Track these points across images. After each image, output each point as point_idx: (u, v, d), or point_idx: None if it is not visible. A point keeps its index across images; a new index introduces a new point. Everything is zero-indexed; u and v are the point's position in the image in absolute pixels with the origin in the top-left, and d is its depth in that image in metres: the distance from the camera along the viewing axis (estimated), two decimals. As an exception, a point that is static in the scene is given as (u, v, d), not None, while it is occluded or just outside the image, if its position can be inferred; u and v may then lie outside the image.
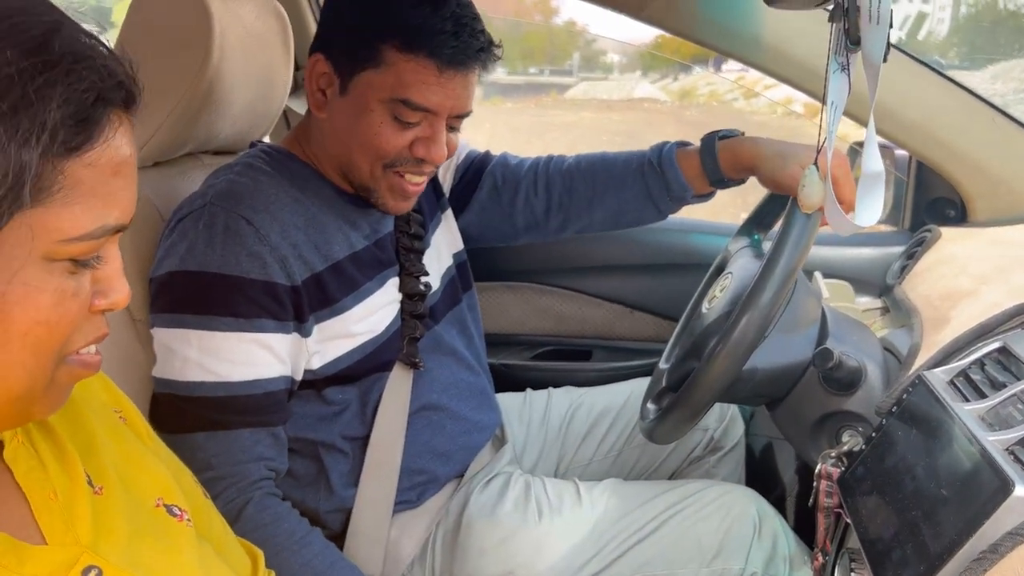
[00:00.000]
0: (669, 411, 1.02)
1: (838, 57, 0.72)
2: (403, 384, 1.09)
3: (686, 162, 1.17)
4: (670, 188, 1.19)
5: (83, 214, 0.47)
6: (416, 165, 1.01)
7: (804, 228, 0.95)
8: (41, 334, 0.48)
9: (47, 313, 0.47)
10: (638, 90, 18.55)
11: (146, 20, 1.08)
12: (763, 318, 0.93)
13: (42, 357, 0.49)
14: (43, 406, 0.52)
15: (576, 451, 1.32)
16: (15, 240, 0.45)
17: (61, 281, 0.48)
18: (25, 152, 0.43)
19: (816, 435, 1.04)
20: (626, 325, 1.59)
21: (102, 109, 0.47)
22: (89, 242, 0.48)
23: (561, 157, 1.28)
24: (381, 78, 0.96)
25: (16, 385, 0.48)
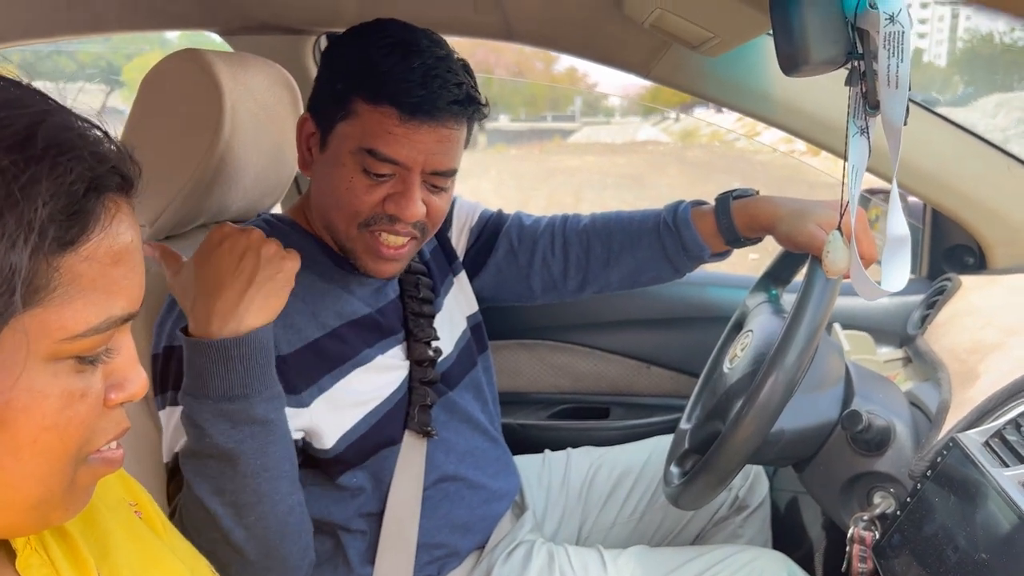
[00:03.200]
0: (696, 476, 0.99)
1: (857, 121, 0.71)
2: (416, 454, 1.07)
3: (701, 222, 1.16)
4: (687, 248, 1.17)
5: (85, 309, 0.45)
6: (390, 224, 0.98)
7: (827, 286, 0.94)
8: (51, 440, 0.45)
9: (54, 418, 0.45)
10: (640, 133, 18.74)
11: (158, 95, 1.08)
12: (789, 380, 0.91)
13: (55, 463, 0.47)
14: (64, 511, 0.50)
15: (598, 515, 1.29)
16: (12, 345, 0.43)
17: (68, 383, 0.46)
18: (12, 255, 0.41)
19: (846, 497, 1.02)
20: (644, 381, 1.57)
21: (95, 198, 0.45)
22: (95, 337, 0.46)
23: (577, 216, 1.27)
24: (350, 128, 0.96)
25: (31, 495, 0.46)
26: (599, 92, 20.55)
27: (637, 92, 3.28)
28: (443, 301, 1.19)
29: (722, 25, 1.00)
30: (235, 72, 1.10)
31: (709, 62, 1.23)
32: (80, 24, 1.37)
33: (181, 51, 1.08)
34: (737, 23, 0.99)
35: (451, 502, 1.09)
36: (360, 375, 1.01)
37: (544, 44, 1.30)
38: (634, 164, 14.21)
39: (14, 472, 0.45)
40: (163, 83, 1.08)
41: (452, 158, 0.99)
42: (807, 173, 11.45)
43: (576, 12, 1.21)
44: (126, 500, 0.64)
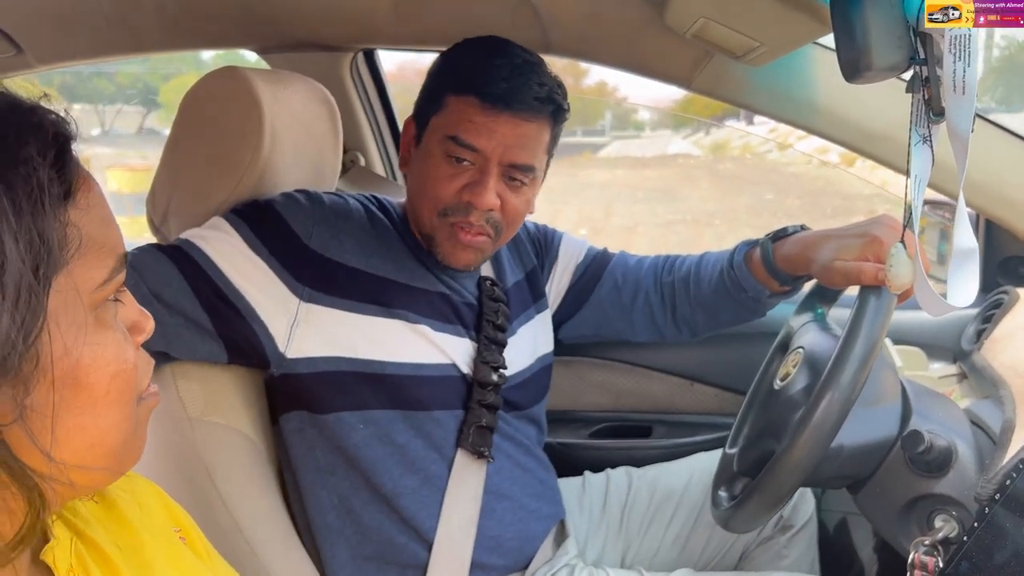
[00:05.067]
0: (747, 498, 0.96)
1: (919, 129, 0.68)
2: (471, 474, 1.06)
3: (754, 265, 1.18)
4: (746, 290, 1.18)
5: (100, 255, 0.48)
6: (465, 214, 1.03)
7: (883, 300, 0.90)
8: (119, 386, 0.49)
9: (116, 364, 0.48)
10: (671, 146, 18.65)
11: (198, 113, 1.08)
12: (846, 398, 0.88)
13: (125, 407, 0.50)
14: (135, 454, 0.53)
15: (642, 540, 1.26)
16: (66, 302, 0.45)
17: (114, 332, 0.49)
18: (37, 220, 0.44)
19: (905, 520, 0.97)
20: (687, 398, 1.53)
21: (68, 148, 0.48)
22: (116, 278, 0.49)
23: (674, 258, 1.30)
24: (440, 120, 1.04)
25: (112, 445, 0.49)
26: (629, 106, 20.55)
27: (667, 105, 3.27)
28: (516, 331, 1.19)
29: (769, 33, 0.98)
30: (274, 89, 1.10)
31: (752, 72, 1.20)
32: (120, 45, 1.38)
33: (221, 69, 1.08)
34: (785, 31, 0.96)
35: (482, 515, 1.07)
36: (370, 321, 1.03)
37: (583, 56, 1.28)
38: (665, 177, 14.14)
39: (96, 429, 0.48)
40: (203, 101, 1.09)
41: (531, 153, 1.03)
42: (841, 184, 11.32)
43: (616, 23, 1.19)
44: (170, 526, 0.63)
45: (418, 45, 1.41)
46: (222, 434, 1.01)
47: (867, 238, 1.00)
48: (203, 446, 0.99)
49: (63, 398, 0.45)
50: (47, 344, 0.44)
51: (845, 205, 9.96)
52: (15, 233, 0.42)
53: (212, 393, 1.02)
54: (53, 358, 0.44)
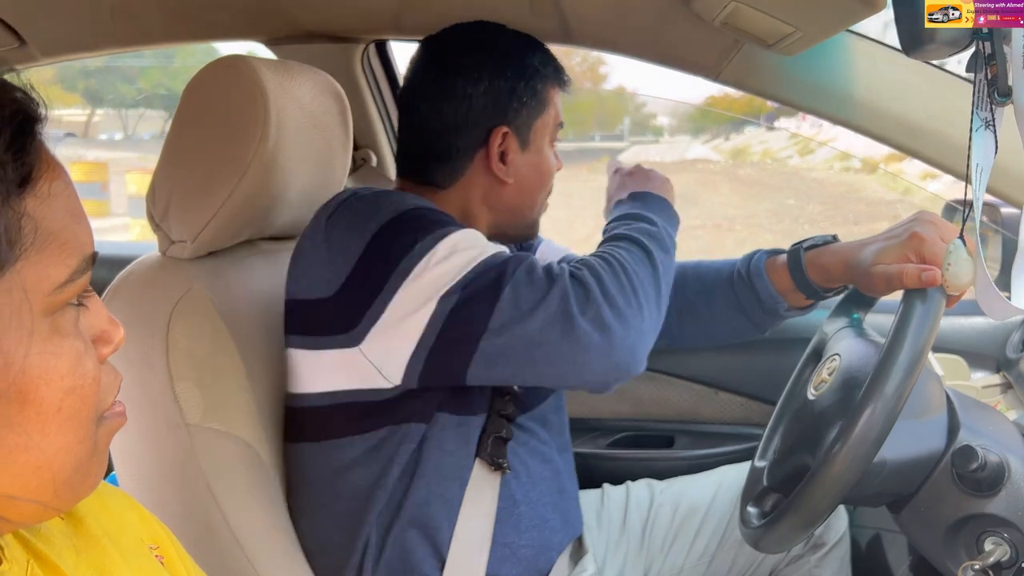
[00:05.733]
0: (780, 517, 0.89)
1: (981, 112, 0.61)
2: (488, 487, 1.00)
3: (776, 274, 1.11)
4: (760, 300, 1.11)
5: (61, 253, 0.43)
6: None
7: (930, 304, 0.83)
8: (74, 403, 0.44)
9: (71, 378, 0.43)
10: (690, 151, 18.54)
11: (200, 103, 1.03)
12: (889, 411, 0.81)
13: (81, 428, 0.45)
14: (93, 479, 0.48)
15: (664, 558, 1.19)
16: (11, 307, 0.40)
17: (72, 341, 0.44)
18: None
19: (952, 542, 0.90)
20: (711, 407, 1.47)
21: (30, 130, 0.43)
22: (79, 280, 0.44)
23: None
24: (547, 118, 1.09)
25: (64, 468, 0.44)
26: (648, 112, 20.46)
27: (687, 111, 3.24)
28: None
29: (806, 17, 0.91)
30: (281, 79, 1.04)
31: (784, 62, 1.14)
32: (125, 37, 1.34)
33: (225, 57, 1.03)
34: (823, 14, 0.90)
35: (500, 525, 1.01)
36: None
37: (604, 47, 1.22)
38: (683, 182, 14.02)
39: (45, 449, 0.42)
40: (206, 91, 1.04)
41: None
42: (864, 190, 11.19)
43: (640, 11, 1.13)
44: (146, 543, 0.57)
45: (432, 36, 1.35)
46: (223, 442, 0.96)
47: (907, 236, 0.94)
48: (202, 454, 0.93)
49: (4, 413, 0.40)
50: None
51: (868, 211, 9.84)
52: None
53: (213, 398, 0.97)
54: None
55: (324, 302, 0.94)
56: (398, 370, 0.91)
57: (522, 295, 0.87)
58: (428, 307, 0.88)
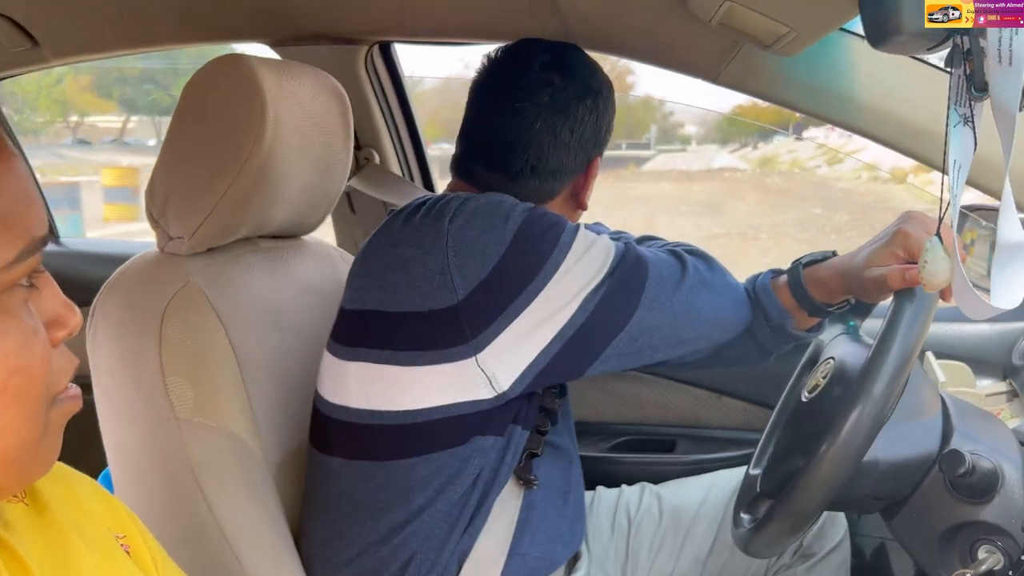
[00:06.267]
0: (769, 519, 0.88)
1: (959, 108, 0.60)
2: (512, 500, 1.00)
3: (780, 294, 1.06)
4: (768, 317, 1.06)
5: (9, 233, 0.44)
6: None
7: (920, 306, 0.82)
8: (21, 383, 0.44)
9: (18, 358, 0.44)
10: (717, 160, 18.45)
11: (199, 101, 1.05)
12: (877, 412, 0.80)
13: (29, 408, 0.45)
14: (43, 461, 0.48)
15: (652, 562, 1.18)
16: None
17: (20, 321, 0.45)
18: None
19: (945, 550, 0.88)
20: (713, 412, 1.46)
21: None
22: (27, 260, 0.45)
23: None
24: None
25: (10, 447, 0.45)
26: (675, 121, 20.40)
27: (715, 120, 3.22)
28: None
29: (799, 16, 0.91)
30: (280, 78, 1.05)
31: (784, 63, 1.13)
32: (134, 39, 1.37)
33: (224, 56, 1.04)
34: (815, 13, 0.89)
35: (516, 535, 1.01)
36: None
37: (604, 48, 1.22)
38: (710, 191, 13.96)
39: None
40: (205, 90, 1.05)
41: None
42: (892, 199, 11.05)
43: (638, 13, 1.14)
44: (111, 532, 0.58)
45: (435, 38, 1.36)
46: (212, 437, 0.96)
47: (892, 235, 0.92)
48: (191, 449, 0.94)
49: None
50: None
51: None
52: None
53: (204, 393, 0.97)
54: None
55: (444, 312, 0.90)
56: (512, 376, 0.91)
57: (666, 271, 0.96)
58: (574, 303, 0.90)
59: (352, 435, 0.97)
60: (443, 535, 0.96)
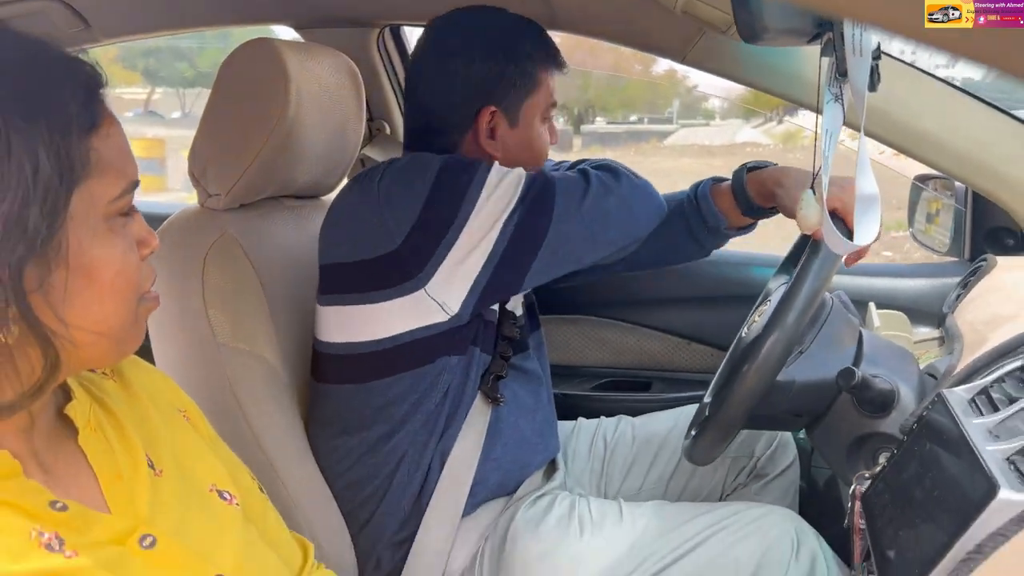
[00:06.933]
0: (704, 430, 1.06)
1: (831, 88, 0.77)
2: (481, 417, 1.17)
3: (720, 196, 1.25)
4: (705, 221, 1.25)
5: (115, 176, 0.60)
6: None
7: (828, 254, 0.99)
8: (122, 283, 0.61)
9: (120, 263, 0.60)
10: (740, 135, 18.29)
11: (233, 78, 1.22)
12: (789, 337, 0.97)
13: (126, 301, 0.62)
14: (132, 342, 0.65)
15: (624, 479, 1.36)
16: (84, 209, 0.58)
17: (121, 238, 0.60)
18: (65, 142, 0.56)
19: (853, 457, 1.06)
20: (685, 357, 1.62)
21: (98, 89, 0.60)
22: (127, 197, 0.61)
23: None
24: (539, 98, 1.20)
25: (116, 327, 0.61)
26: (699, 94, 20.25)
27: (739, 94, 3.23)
28: None
29: (739, 7, 1.06)
30: (301, 59, 1.22)
31: (743, 47, 1.27)
32: (176, 20, 1.54)
33: (253, 40, 1.21)
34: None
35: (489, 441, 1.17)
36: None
37: (586, 31, 1.38)
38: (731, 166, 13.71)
39: (101, 313, 0.60)
40: (238, 67, 1.22)
41: None
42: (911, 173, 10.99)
43: (615, 1, 1.29)
44: (176, 407, 0.77)
45: (439, 22, 1.52)
46: (246, 359, 1.15)
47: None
48: (230, 368, 1.13)
49: (76, 283, 0.57)
50: (65, 237, 0.56)
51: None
52: (47, 148, 0.55)
53: (240, 323, 1.16)
54: (70, 250, 0.56)
55: (388, 256, 1.08)
56: (459, 299, 1.09)
57: (571, 187, 1.09)
58: (495, 231, 1.06)
59: (337, 364, 1.17)
60: (424, 439, 1.14)
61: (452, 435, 1.15)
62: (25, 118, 0.53)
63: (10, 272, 0.52)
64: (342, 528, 1.18)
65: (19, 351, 0.55)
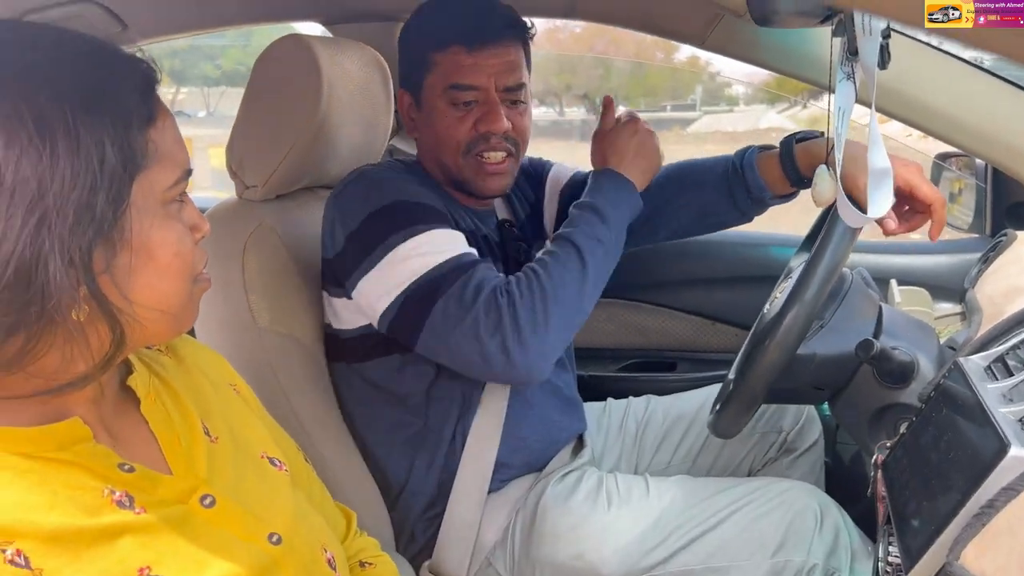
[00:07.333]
0: (727, 402, 1.09)
1: (844, 67, 0.80)
2: (501, 389, 1.21)
3: (766, 164, 1.25)
4: (749, 189, 1.27)
5: (171, 165, 0.64)
6: (486, 143, 1.18)
7: (845, 230, 1.01)
8: (179, 264, 0.65)
9: (177, 245, 0.64)
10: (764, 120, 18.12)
11: (268, 74, 1.27)
12: (808, 311, 1.00)
13: (184, 280, 0.66)
14: (187, 320, 0.69)
15: (653, 456, 1.40)
16: (144, 195, 0.62)
17: (177, 223, 0.65)
18: (128, 134, 0.60)
19: (875, 428, 1.09)
20: (709, 337, 1.65)
21: (154, 85, 0.64)
22: (181, 184, 0.65)
23: None
24: (433, 79, 1.18)
25: (174, 305, 0.66)
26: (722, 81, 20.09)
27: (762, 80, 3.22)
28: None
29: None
30: (332, 54, 1.27)
31: (761, 30, 1.30)
32: (207, 19, 1.59)
33: (286, 36, 1.26)
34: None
35: (513, 421, 1.21)
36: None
37: (606, 19, 1.41)
38: (756, 153, 13.76)
39: (161, 290, 0.64)
40: (272, 64, 1.27)
41: (519, 74, 1.19)
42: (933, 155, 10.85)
43: (633, -12, 1.32)
44: (227, 381, 0.82)
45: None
46: (285, 342, 1.21)
47: None
48: (270, 351, 1.19)
49: (138, 263, 0.62)
50: (129, 222, 0.60)
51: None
52: (112, 140, 0.59)
53: (278, 308, 1.21)
54: (133, 233, 0.61)
55: (330, 261, 1.17)
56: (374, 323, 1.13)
57: (450, 310, 1.04)
58: (388, 297, 1.08)
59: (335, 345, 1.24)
60: (443, 414, 1.19)
61: (471, 410, 1.19)
62: (92, 112, 0.58)
63: (81, 254, 0.57)
64: (379, 502, 1.23)
65: (90, 328, 0.60)
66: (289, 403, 1.18)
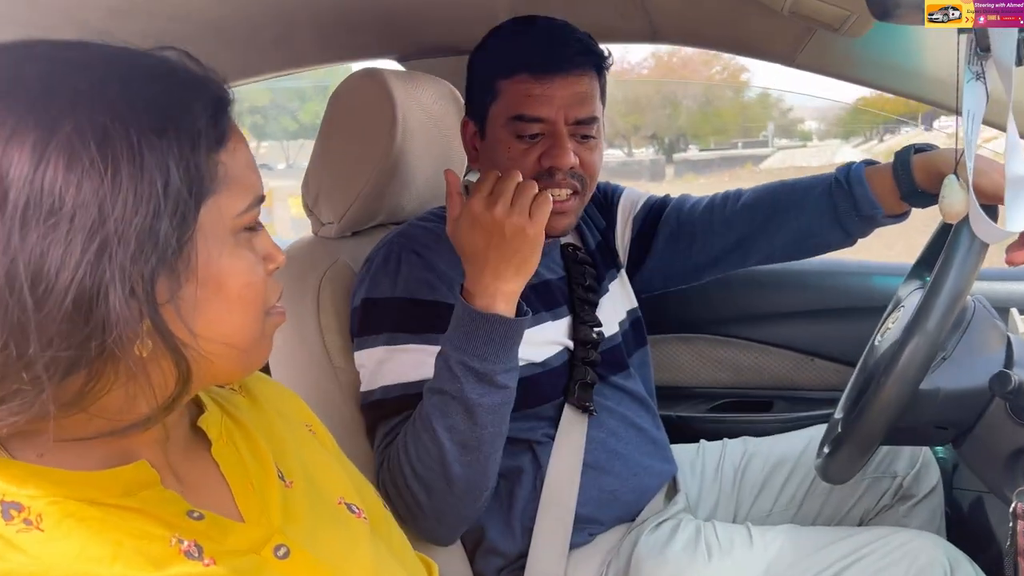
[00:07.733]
0: (840, 444, 1.00)
1: (971, 67, 0.72)
2: (576, 429, 1.14)
3: (876, 178, 1.13)
4: (858, 206, 1.14)
5: (241, 191, 0.60)
6: (551, 178, 1.09)
7: (970, 249, 0.92)
8: (249, 294, 0.60)
9: (248, 276, 0.60)
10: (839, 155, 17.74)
11: (343, 109, 1.25)
12: (930, 343, 0.90)
13: (253, 313, 0.62)
14: (259, 356, 0.65)
15: (754, 502, 1.30)
16: (212, 222, 0.58)
17: (247, 252, 0.61)
18: (194, 156, 0.56)
19: (1010, 471, 0.97)
20: (807, 374, 1.55)
21: (225, 108, 0.60)
22: (252, 211, 0.61)
23: (739, 191, 1.29)
24: (498, 108, 1.11)
25: (244, 340, 0.61)
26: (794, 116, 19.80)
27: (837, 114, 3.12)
28: (607, 291, 1.27)
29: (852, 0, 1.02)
30: (407, 87, 1.25)
31: (855, 43, 1.22)
32: (283, 62, 1.60)
33: (361, 71, 1.24)
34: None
35: (600, 473, 1.14)
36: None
37: (689, 41, 1.35)
38: (832, 187, 13.42)
39: (230, 324, 0.60)
40: (347, 99, 1.25)
41: (590, 107, 1.11)
42: None
43: (717, 6, 1.26)
44: (302, 422, 0.77)
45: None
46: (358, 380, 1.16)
47: None
48: (346, 390, 1.15)
49: (206, 294, 0.58)
50: (195, 250, 0.56)
51: None
52: (177, 162, 0.56)
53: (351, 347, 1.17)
54: (199, 262, 0.57)
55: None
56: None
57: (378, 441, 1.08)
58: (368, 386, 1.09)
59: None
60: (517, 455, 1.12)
61: (546, 448, 1.13)
62: (158, 134, 0.54)
63: (143, 284, 0.53)
64: (461, 555, 1.17)
65: (152, 365, 0.56)
66: (364, 447, 1.14)
